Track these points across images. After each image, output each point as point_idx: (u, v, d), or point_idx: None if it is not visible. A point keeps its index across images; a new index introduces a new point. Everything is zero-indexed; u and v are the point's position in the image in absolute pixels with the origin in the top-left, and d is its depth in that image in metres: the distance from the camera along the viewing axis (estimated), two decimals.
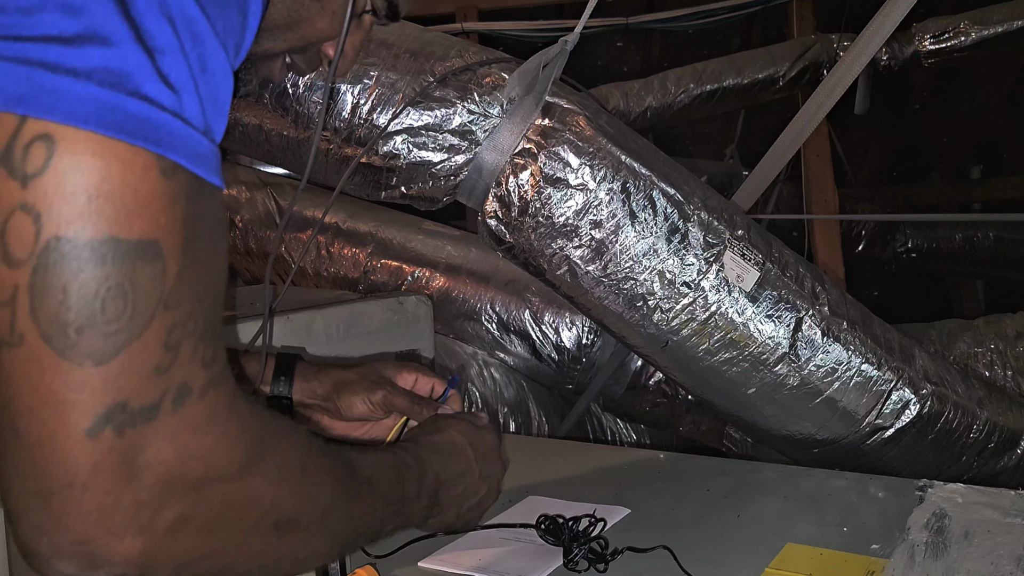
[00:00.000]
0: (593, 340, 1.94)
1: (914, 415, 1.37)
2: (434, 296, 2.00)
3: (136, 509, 0.46)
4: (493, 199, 1.31)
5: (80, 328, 0.43)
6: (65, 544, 0.45)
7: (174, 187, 0.46)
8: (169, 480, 0.47)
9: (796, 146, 2.01)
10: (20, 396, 0.44)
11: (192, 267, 0.47)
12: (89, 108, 0.43)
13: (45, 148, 0.43)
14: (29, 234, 0.43)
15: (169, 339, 0.46)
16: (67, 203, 0.43)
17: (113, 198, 0.44)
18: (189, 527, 0.49)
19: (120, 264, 0.44)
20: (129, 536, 0.46)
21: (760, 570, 0.89)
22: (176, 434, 0.47)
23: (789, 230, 3.30)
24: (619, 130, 1.35)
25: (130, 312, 0.44)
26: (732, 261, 1.30)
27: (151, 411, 0.46)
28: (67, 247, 0.43)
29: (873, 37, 1.73)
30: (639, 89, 3.06)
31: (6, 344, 0.44)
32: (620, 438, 2.15)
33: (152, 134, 0.45)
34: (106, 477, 0.45)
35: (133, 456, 0.45)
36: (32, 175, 0.43)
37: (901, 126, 4.68)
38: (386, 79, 1.29)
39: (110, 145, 0.44)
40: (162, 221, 0.45)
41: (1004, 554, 0.87)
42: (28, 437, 0.44)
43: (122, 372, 0.45)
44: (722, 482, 1.14)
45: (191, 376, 0.47)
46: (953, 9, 3.27)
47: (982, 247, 4.21)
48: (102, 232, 0.44)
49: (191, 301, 0.47)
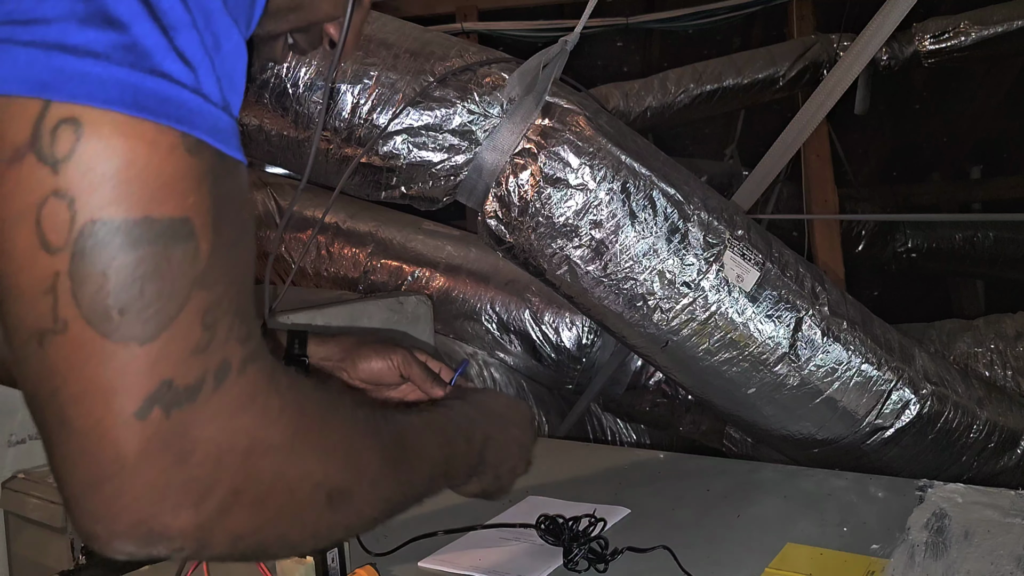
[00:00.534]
0: (593, 340, 1.94)
1: (914, 415, 1.37)
2: (434, 296, 2.00)
3: (188, 487, 0.47)
4: (493, 199, 1.31)
5: (122, 310, 0.44)
6: (122, 526, 0.46)
7: (201, 165, 0.46)
8: (217, 457, 0.47)
9: (796, 146, 2.01)
10: (67, 385, 0.44)
11: (224, 245, 0.47)
12: (112, 89, 0.43)
13: (73, 132, 0.43)
14: (64, 220, 0.43)
15: (206, 318, 0.46)
16: (99, 186, 0.43)
17: (143, 179, 0.44)
18: (241, 501, 0.49)
19: (154, 245, 0.44)
20: (183, 513, 0.47)
21: (760, 570, 0.89)
22: (221, 411, 0.47)
23: (789, 230, 3.30)
24: (619, 130, 1.34)
25: (168, 292, 0.45)
26: (732, 261, 1.30)
27: (195, 390, 0.46)
28: (103, 231, 0.43)
29: (873, 37, 1.73)
30: (639, 89, 3.06)
31: (50, 332, 0.44)
32: (620, 438, 2.15)
33: (175, 112, 0.45)
34: (156, 458, 0.45)
35: (181, 436, 0.46)
36: (62, 160, 0.43)
37: (901, 126, 4.68)
38: (386, 79, 1.29)
39: (135, 125, 0.44)
40: (191, 200, 0.45)
41: (1004, 554, 0.87)
42: (77, 425, 0.44)
43: (165, 352, 0.45)
44: (722, 482, 1.14)
45: (230, 353, 0.48)
46: (953, 9, 3.27)
47: (982, 247, 4.21)
48: (135, 213, 0.44)
49: (225, 279, 0.47)
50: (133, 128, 0.44)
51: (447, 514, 1.01)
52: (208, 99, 0.47)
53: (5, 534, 1.25)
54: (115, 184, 0.43)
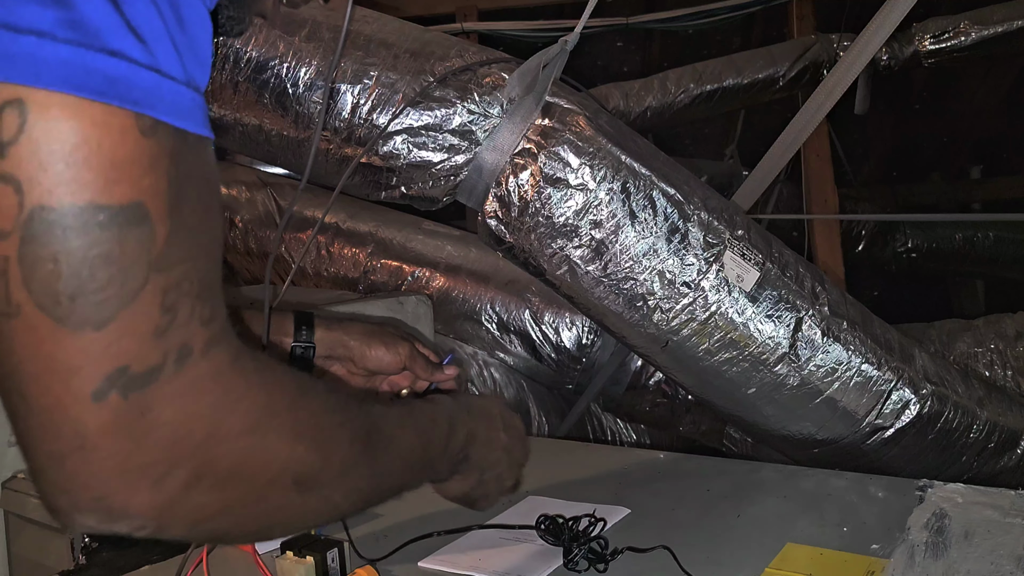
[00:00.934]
0: (593, 340, 1.94)
1: (914, 415, 1.37)
2: (434, 296, 2.00)
3: (146, 468, 0.47)
4: (493, 199, 1.31)
5: (72, 296, 0.43)
6: (84, 500, 0.46)
7: (155, 147, 0.45)
8: (176, 440, 0.47)
9: (796, 146, 2.01)
10: (24, 364, 0.44)
11: (184, 227, 0.46)
12: (57, 69, 0.42)
13: (17, 114, 0.42)
14: (12, 204, 0.42)
15: (165, 301, 0.46)
16: (46, 171, 0.42)
17: (92, 163, 0.43)
18: (202, 484, 0.49)
19: (106, 230, 0.43)
20: (141, 493, 0.47)
21: (760, 570, 0.89)
22: (180, 395, 0.47)
23: (789, 230, 3.30)
24: (619, 130, 1.34)
25: (121, 277, 0.44)
26: (732, 261, 1.30)
27: (154, 373, 0.46)
28: (52, 216, 0.42)
29: (873, 37, 1.73)
30: (639, 89, 3.06)
31: (4, 315, 0.43)
32: (620, 438, 2.15)
33: (127, 92, 0.43)
34: (115, 439, 0.45)
35: (139, 418, 0.46)
36: (7, 143, 0.42)
37: (901, 126, 4.68)
38: (386, 79, 1.29)
39: (84, 107, 0.42)
40: (145, 184, 0.44)
41: (1004, 554, 0.87)
42: (36, 403, 0.44)
43: (120, 337, 0.44)
44: (722, 482, 1.14)
45: (191, 336, 0.47)
46: (953, 9, 3.27)
47: (982, 247, 4.21)
48: (84, 199, 0.43)
49: (184, 261, 0.46)
50: (81, 110, 0.42)
51: (447, 515, 1.01)
52: (166, 75, 0.45)
53: (5, 534, 1.25)
54: (63, 168, 0.42)
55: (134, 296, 0.44)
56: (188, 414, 0.48)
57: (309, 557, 0.88)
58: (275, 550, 0.93)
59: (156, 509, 0.48)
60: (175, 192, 0.46)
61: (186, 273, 0.47)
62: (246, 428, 0.51)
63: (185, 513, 0.49)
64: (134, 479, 0.47)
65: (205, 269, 0.48)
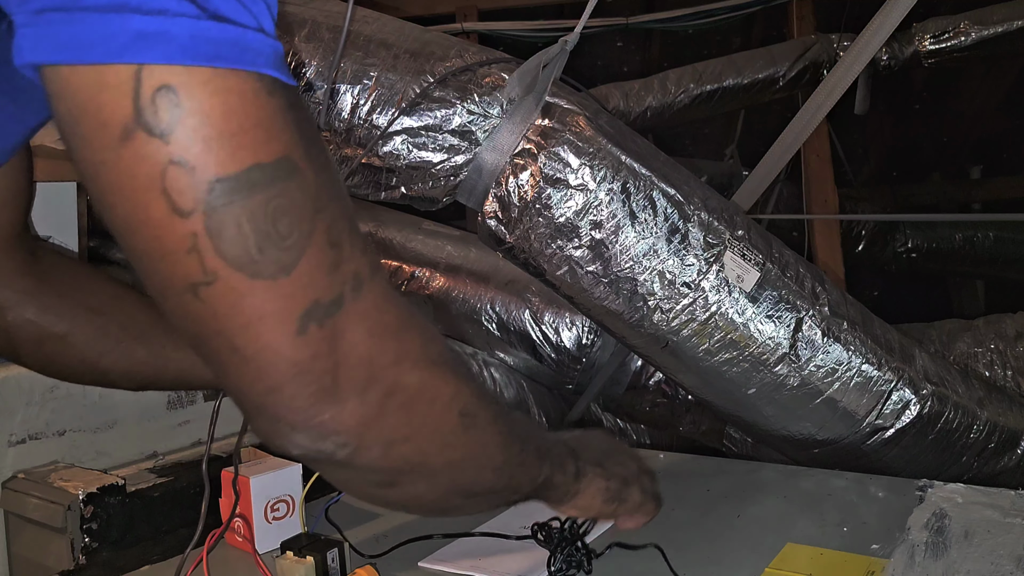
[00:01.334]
0: (593, 340, 1.94)
1: (914, 415, 1.37)
2: (434, 296, 2.00)
3: (350, 384, 0.53)
4: (493, 199, 1.31)
5: (262, 249, 0.48)
6: (301, 420, 0.52)
7: (280, 102, 0.48)
8: (371, 356, 0.53)
9: (796, 146, 2.00)
10: (231, 320, 0.49)
11: (320, 168, 0.51)
12: (189, 44, 0.44)
13: (170, 98, 0.44)
14: (188, 184, 0.45)
15: (331, 238, 0.50)
16: (210, 147, 0.45)
17: (244, 130, 0.46)
18: (394, 402, 0.55)
19: (272, 186, 0.47)
20: (349, 406, 0.53)
21: (760, 570, 0.89)
22: (365, 316, 0.53)
23: (789, 230, 3.30)
24: (619, 130, 1.34)
25: (297, 224, 0.49)
26: (732, 261, 1.30)
27: (339, 301, 0.51)
28: (225, 186, 0.46)
29: (873, 37, 1.73)
30: (639, 89, 3.06)
31: (202, 284, 0.48)
32: (620, 438, 2.15)
33: (246, 56, 0.47)
34: (322, 363, 0.51)
35: (338, 341, 0.51)
36: (169, 128, 0.45)
37: (901, 126, 4.68)
38: (386, 79, 1.29)
39: (221, 79, 0.46)
40: (285, 137, 0.48)
41: (1004, 554, 0.87)
42: (248, 351, 0.50)
43: (307, 276, 0.49)
44: (722, 482, 1.14)
45: (359, 265, 0.53)
46: (953, 9, 3.26)
47: (982, 247, 4.20)
48: (247, 163, 0.46)
49: (333, 199, 0.51)
50: (220, 82, 0.46)
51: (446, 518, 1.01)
52: (264, 31, 0.48)
53: (5, 534, 1.25)
54: (222, 140, 0.46)
55: (309, 238, 0.49)
56: (376, 332, 0.54)
57: (309, 557, 0.88)
58: (275, 550, 0.94)
59: (359, 424, 0.54)
60: (305, 140, 0.50)
61: (339, 210, 0.52)
62: (420, 348, 0.57)
63: (381, 431, 0.56)
64: (341, 395, 0.53)
65: (347, 205, 0.53)
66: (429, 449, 0.60)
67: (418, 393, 0.57)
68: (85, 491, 1.16)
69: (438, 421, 0.59)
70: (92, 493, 1.17)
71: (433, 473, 0.62)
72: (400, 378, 0.56)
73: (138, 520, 1.21)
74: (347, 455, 0.55)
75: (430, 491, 0.64)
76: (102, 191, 0.47)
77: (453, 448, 0.62)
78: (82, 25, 0.43)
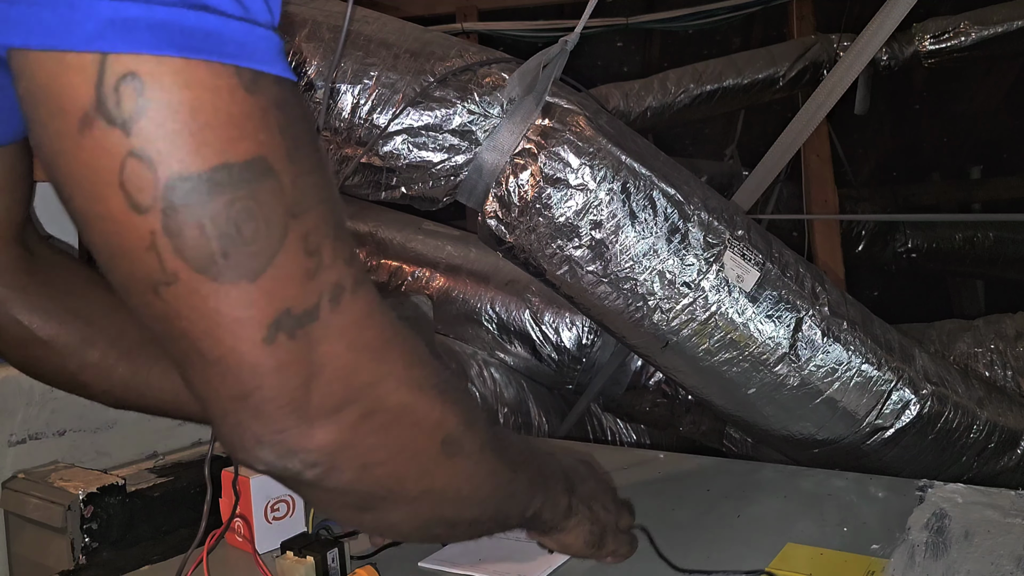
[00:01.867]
0: (593, 340, 1.94)
1: (914, 415, 1.37)
2: (434, 296, 2.00)
3: (323, 401, 0.50)
4: (493, 199, 1.31)
5: (225, 253, 0.45)
6: (266, 434, 0.49)
7: (261, 99, 0.46)
8: (347, 374, 0.50)
9: (796, 146, 2.00)
10: (194, 324, 0.46)
11: (304, 171, 0.48)
12: (160, 33, 0.42)
13: (134, 88, 0.42)
14: (147, 179, 0.43)
15: (308, 245, 0.48)
16: (172, 141, 0.43)
17: (213, 126, 0.44)
18: (371, 422, 0.52)
19: (239, 187, 0.45)
20: (320, 424, 0.50)
21: (760, 570, 0.89)
22: (343, 330, 0.50)
23: (789, 230, 3.30)
24: (619, 130, 1.34)
25: (264, 229, 0.46)
26: (732, 261, 1.30)
27: (313, 312, 0.48)
28: (186, 184, 0.43)
29: (873, 37, 1.73)
30: (639, 89, 3.06)
31: (163, 283, 0.45)
32: (620, 438, 2.15)
33: (226, 48, 0.44)
34: (291, 374, 0.48)
35: (310, 354, 0.48)
36: (131, 119, 0.42)
37: (901, 126, 4.68)
38: (386, 79, 1.29)
39: (192, 71, 0.43)
40: (261, 137, 0.45)
41: (1004, 554, 0.87)
42: (213, 355, 0.47)
43: (277, 282, 0.47)
44: (722, 482, 1.14)
45: (340, 275, 0.49)
46: (953, 9, 3.26)
47: (982, 247, 4.20)
48: (213, 162, 0.44)
49: (315, 204, 0.48)
50: (191, 74, 0.43)
51: None
52: (256, 22, 0.46)
53: (5, 534, 1.25)
54: (188, 136, 0.43)
55: (280, 244, 0.46)
56: (354, 348, 0.50)
57: (309, 557, 0.88)
58: (275, 550, 0.93)
59: (331, 444, 0.51)
60: (289, 139, 0.47)
61: (320, 216, 0.48)
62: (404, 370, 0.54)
63: (355, 453, 0.52)
64: (312, 412, 0.50)
65: (334, 211, 0.50)
66: (407, 476, 0.57)
67: (398, 416, 0.54)
68: (85, 491, 1.16)
69: (418, 447, 0.56)
70: (92, 493, 1.17)
71: (411, 501, 0.58)
72: (379, 399, 0.52)
73: (138, 520, 1.21)
74: (316, 476, 0.52)
75: (408, 519, 0.61)
76: (60, 181, 0.44)
77: (433, 477, 0.58)
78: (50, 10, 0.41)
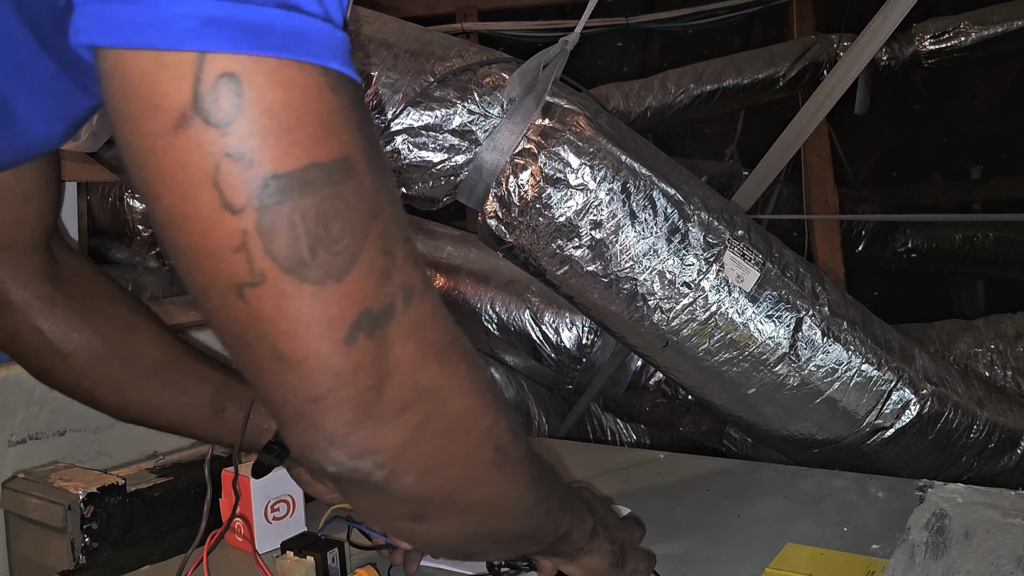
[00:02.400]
0: (593, 340, 1.94)
1: (914, 415, 1.37)
2: None
3: (391, 402, 0.50)
4: (493, 199, 1.31)
5: (313, 252, 0.45)
6: (339, 435, 0.50)
7: (344, 99, 0.46)
8: (414, 376, 0.51)
9: (796, 146, 2.00)
10: (276, 325, 0.46)
11: (380, 173, 0.48)
12: (256, 33, 0.42)
13: (232, 88, 0.42)
14: (242, 179, 0.43)
15: (384, 245, 0.48)
16: (267, 141, 0.43)
17: (303, 126, 0.44)
18: (432, 427, 0.53)
19: (327, 187, 0.45)
20: (387, 425, 0.51)
21: (760, 570, 0.89)
22: (414, 331, 0.50)
23: (789, 230, 3.30)
24: (619, 130, 1.34)
25: (350, 227, 0.46)
26: (732, 261, 1.30)
27: (389, 313, 0.49)
28: (280, 183, 0.44)
29: (873, 37, 1.73)
30: (639, 89, 3.06)
31: (248, 285, 0.45)
32: (620, 438, 2.15)
33: (313, 48, 0.44)
34: (366, 375, 0.49)
35: (384, 355, 0.49)
36: (228, 119, 0.42)
37: (901, 126, 4.68)
38: (386, 79, 1.29)
39: (285, 71, 0.43)
40: (346, 137, 0.46)
41: (1004, 554, 0.87)
42: (293, 357, 0.47)
43: (359, 283, 0.47)
44: (722, 482, 1.14)
45: (410, 276, 0.50)
46: (953, 9, 3.27)
47: (982, 247, 4.20)
48: (304, 161, 0.44)
49: (388, 205, 0.49)
50: (284, 74, 0.43)
51: None
52: (334, 23, 0.46)
53: (5, 534, 1.25)
54: (280, 135, 0.43)
55: (362, 244, 0.47)
56: (423, 349, 0.51)
57: (309, 557, 0.88)
58: (275, 550, 0.93)
59: (395, 446, 0.51)
60: (367, 140, 0.47)
61: (392, 217, 0.49)
62: (466, 372, 0.54)
63: (415, 459, 0.53)
64: (381, 413, 0.50)
65: (401, 213, 0.51)
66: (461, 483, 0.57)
67: (457, 420, 0.54)
68: (85, 491, 1.16)
69: (473, 453, 0.57)
70: (92, 493, 1.17)
71: (463, 510, 0.59)
72: (441, 401, 0.53)
73: (138, 520, 1.21)
74: (383, 477, 0.52)
75: (457, 530, 0.61)
76: (149, 180, 0.44)
77: (484, 484, 0.59)
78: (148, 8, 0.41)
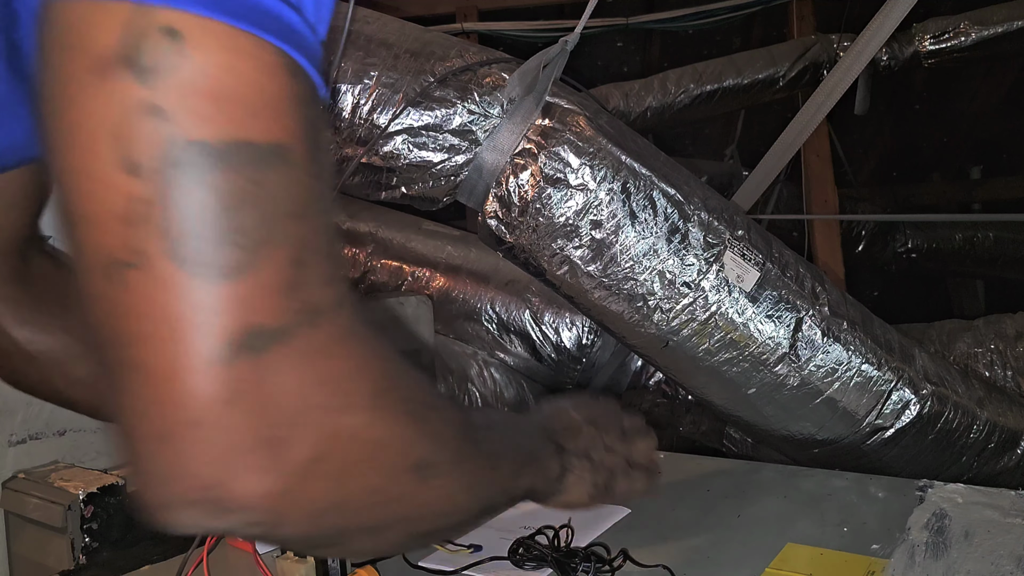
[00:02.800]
0: (593, 340, 1.94)
1: (914, 415, 1.37)
2: (434, 296, 2.00)
3: (268, 444, 0.41)
4: (493, 199, 1.31)
5: (211, 240, 0.39)
6: (193, 490, 0.41)
7: (299, 89, 0.42)
8: (298, 411, 0.42)
9: (796, 146, 2.01)
10: (142, 324, 0.39)
11: (318, 176, 0.43)
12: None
13: (169, 41, 0.38)
14: (154, 139, 0.38)
15: (298, 254, 0.41)
16: (196, 104, 0.38)
17: (242, 98, 0.39)
18: (323, 467, 0.44)
19: (250, 169, 0.39)
20: (260, 476, 0.41)
21: (760, 570, 0.89)
22: (307, 359, 0.42)
23: (789, 230, 3.30)
24: (619, 130, 1.35)
25: (262, 221, 0.40)
26: (732, 261, 1.30)
27: (282, 333, 0.41)
28: (197, 150, 0.38)
29: (873, 37, 1.73)
30: (639, 89, 3.06)
31: (124, 265, 0.39)
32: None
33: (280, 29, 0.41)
34: (238, 409, 0.40)
35: (261, 385, 0.40)
36: (157, 73, 0.38)
37: (901, 126, 4.68)
38: (386, 79, 1.29)
39: (238, 38, 0.39)
40: (291, 125, 0.41)
41: (1004, 554, 0.87)
42: (152, 369, 0.39)
43: (256, 289, 0.40)
44: (722, 482, 1.14)
45: (320, 295, 0.43)
46: (953, 9, 3.27)
47: (982, 247, 4.20)
48: (232, 135, 0.39)
49: (318, 213, 0.43)
50: (236, 42, 0.39)
51: None
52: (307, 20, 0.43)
53: (5, 534, 1.25)
54: (213, 102, 0.39)
55: (272, 244, 0.40)
56: (314, 381, 0.43)
57: (309, 557, 0.88)
58: (275, 550, 0.93)
59: (274, 495, 0.42)
60: (313, 139, 0.42)
61: (318, 228, 0.43)
62: (366, 403, 0.46)
63: (305, 501, 0.44)
64: (253, 460, 0.41)
65: (329, 225, 0.44)
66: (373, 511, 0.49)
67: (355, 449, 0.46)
68: (85, 491, 1.16)
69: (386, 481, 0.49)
70: (92, 493, 1.17)
71: (379, 530, 0.52)
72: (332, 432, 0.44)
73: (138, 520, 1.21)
74: (262, 532, 0.45)
75: (380, 544, 0.56)
76: (59, 132, 0.39)
77: (403, 504, 0.51)
78: None
